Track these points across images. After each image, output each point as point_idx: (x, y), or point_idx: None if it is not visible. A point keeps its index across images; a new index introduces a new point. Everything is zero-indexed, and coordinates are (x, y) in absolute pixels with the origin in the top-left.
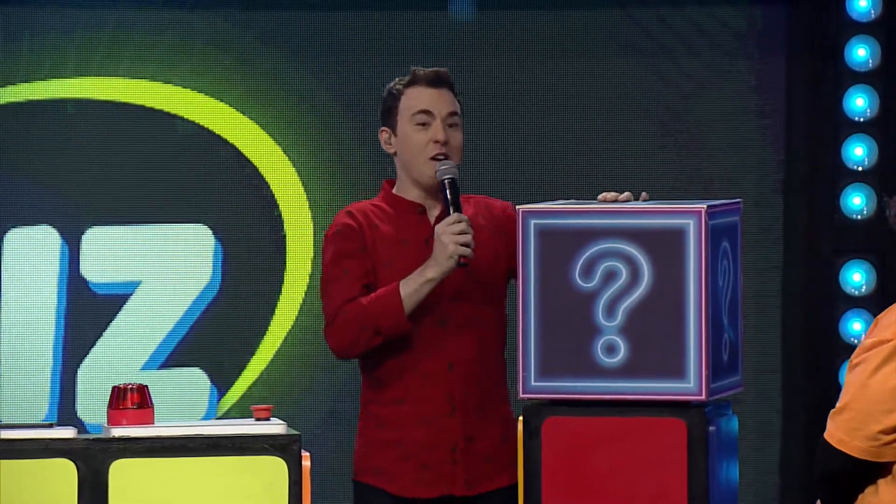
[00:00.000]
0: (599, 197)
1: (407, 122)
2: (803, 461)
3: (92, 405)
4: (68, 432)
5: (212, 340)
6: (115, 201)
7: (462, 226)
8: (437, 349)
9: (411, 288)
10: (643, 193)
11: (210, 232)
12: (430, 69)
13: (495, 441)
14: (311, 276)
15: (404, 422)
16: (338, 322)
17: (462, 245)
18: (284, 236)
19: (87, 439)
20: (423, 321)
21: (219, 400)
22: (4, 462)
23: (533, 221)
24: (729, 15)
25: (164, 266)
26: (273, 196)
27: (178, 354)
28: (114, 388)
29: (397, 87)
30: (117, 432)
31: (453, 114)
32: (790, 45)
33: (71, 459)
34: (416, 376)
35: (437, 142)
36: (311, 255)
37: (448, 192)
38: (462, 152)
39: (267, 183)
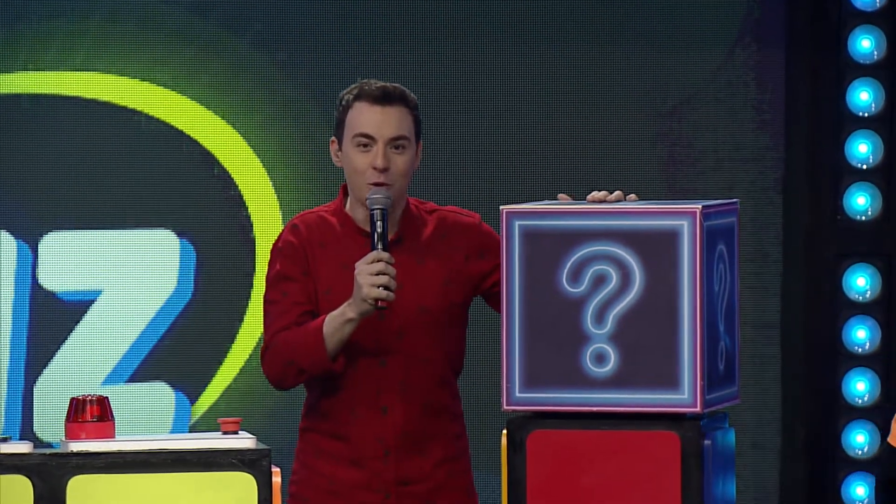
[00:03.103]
0: (588, 197)
1: (349, 142)
2: (803, 476)
3: (50, 422)
4: (23, 447)
5: (177, 352)
6: (75, 204)
7: (380, 266)
8: (374, 390)
9: (332, 327)
10: (631, 195)
11: (175, 237)
12: (378, 85)
13: (438, 481)
14: None
15: (338, 459)
16: (269, 353)
17: (380, 287)
18: (254, 239)
19: (44, 454)
20: (363, 359)
21: (188, 414)
22: None
23: (517, 223)
24: (725, 3)
25: (126, 273)
26: (242, 197)
27: (142, 368)
28: (72, 399)
29: (346, 97)
30: (76, 447)
31: (398, 137)
32: (790, 35)
33: (26, 475)
34: (350, 416)
35: (375, 168)
36: None
37: (377, 224)
38: (410, 176)
39: (235, 183)
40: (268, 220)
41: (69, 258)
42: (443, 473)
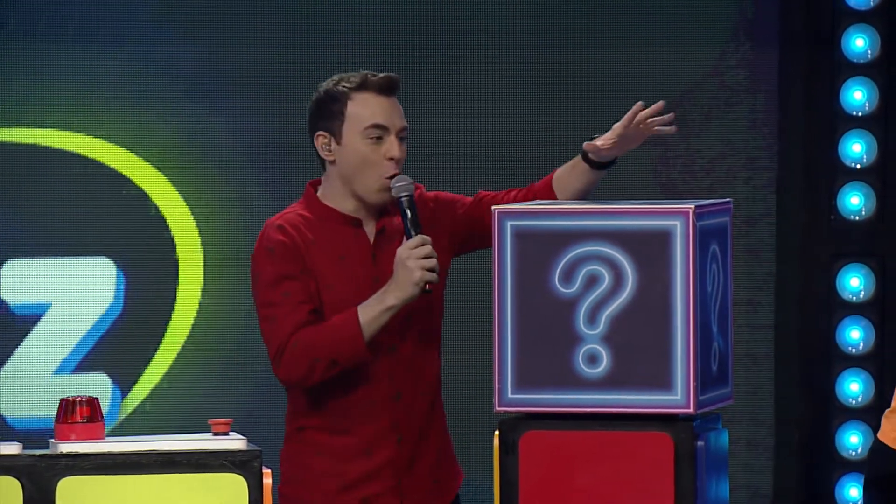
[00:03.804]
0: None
1: (357, 134)
2: (797, 477)
3: (14, 404)
4: (13, 448)
5: (115, 351)
6: (30, 236)
7: (427, 249)
8: (386, 377)
9: (370, 315)
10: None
11: (112, 262)
12: (383, 74)
13: (433, 460)
14: (201, 292)
15: (347, 452)
16: (289, 353)
17: (428, 270)
18: (177, 261)
19: (33, 455)
20: (374, 346)
21: (122, 399)
22: None
23: (509, 223)
24: (719, 3)
25: (71, 290)
26: (167, 226)
27: (85, 362)
28: (62, 400)
29: (341, 87)
30: (65, 448)
31: (405, 127)
32: (784, 34)
33: (15, 477)
34: (363, 406)
35: (391, 159)
36: (201, 278)
37: (408, 211)
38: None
39: (163, 216)
40: (189, 245)
41: (26, 279)
42: (440, 449)
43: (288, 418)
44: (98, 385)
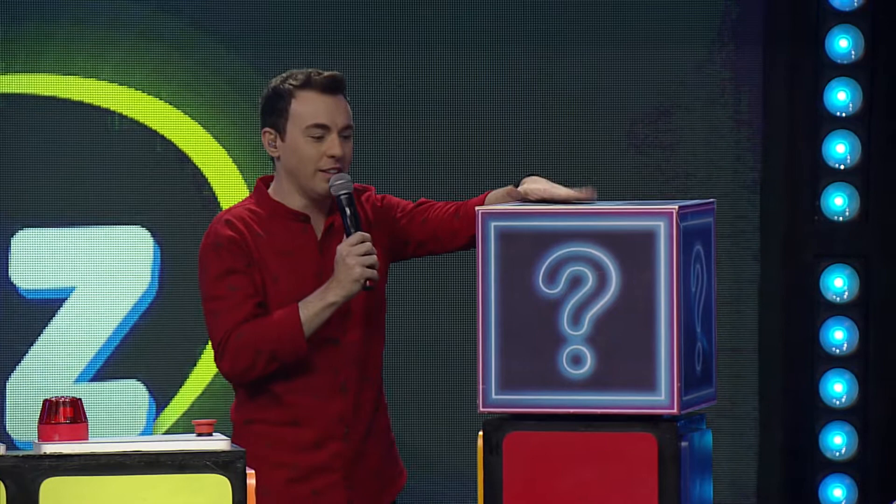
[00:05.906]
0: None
1: (299, 132)
2: (781, 478)
3: (22, 421)
4: None
5: (151, 350)
6: (48, 201)
7: (367, 246)
8: (332, 370)
9: (311, 312)
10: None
11: (148, 234)
12: (327, 73)
13: (378, 456)
14: None
15: (298, 444)
16: (231, 346)
17: (368, 267)
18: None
19: (16, 456)
20: (319, 341)
21: (157, 415)
22: None
23: (493, 223)
24: (703, 3)
25: (99, 271)
26: (215, 195)
27: (114, 365)
28: (45, 401)
29: (286, 86)
30: (49, 449)
31: (348, 126)
32: (768, 34)
33: None
34: (309, 398)
35: (331, 156)
36: None
37: (347, 209)
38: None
39: (208, 181)
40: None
41: (41, 255)
42: (385, 445)
43: (235, 411)
44: (130, 396)
